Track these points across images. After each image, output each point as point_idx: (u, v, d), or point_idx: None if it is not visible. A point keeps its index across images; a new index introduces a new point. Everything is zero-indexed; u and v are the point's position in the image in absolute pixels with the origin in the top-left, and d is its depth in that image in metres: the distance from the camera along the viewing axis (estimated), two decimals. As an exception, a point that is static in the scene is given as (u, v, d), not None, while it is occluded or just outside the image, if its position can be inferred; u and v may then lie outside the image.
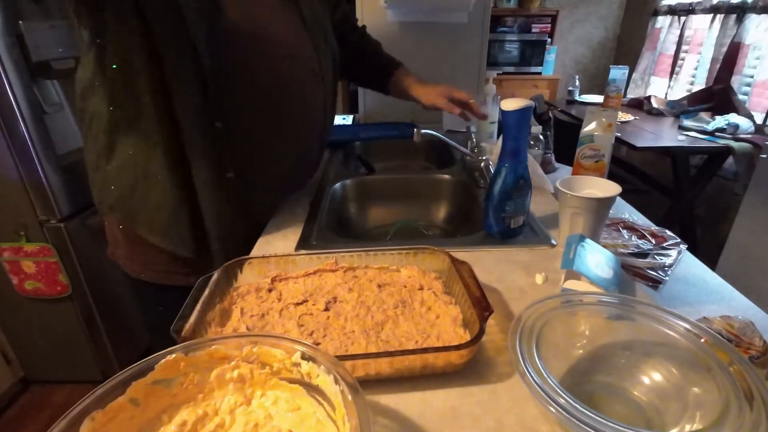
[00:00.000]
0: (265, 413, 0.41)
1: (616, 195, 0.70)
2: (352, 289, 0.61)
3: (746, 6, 2.39)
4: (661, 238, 0.97)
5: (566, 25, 3.57)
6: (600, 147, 0.95)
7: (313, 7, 0.88)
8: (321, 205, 0.95)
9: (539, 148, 1.21)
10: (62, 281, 1.55)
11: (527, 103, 0.70)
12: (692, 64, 2.84)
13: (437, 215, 1.13)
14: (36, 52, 1.36)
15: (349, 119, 1.70)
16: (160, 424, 0.39)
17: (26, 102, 1.36)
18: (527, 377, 0.39)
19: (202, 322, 0.51)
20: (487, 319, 0.49)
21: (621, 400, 0.46)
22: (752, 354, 0.62)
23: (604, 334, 0.50)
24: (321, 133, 0.96)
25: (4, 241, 1.51)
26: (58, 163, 1.46)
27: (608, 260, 0.62)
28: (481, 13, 1.56)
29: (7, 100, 1.32)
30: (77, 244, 1.54)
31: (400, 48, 1.61)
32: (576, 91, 2.97)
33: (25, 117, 1.36)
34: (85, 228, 1.56)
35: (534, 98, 1.00)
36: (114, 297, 1.69)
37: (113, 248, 0.87)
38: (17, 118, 1.35)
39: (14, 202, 1.46)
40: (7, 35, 1.31)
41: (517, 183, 0.75)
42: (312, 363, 0.40)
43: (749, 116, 2.18)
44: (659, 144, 2.06)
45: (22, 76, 1.35)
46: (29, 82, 1.37)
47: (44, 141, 1.42)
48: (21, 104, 1.35)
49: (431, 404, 0.47)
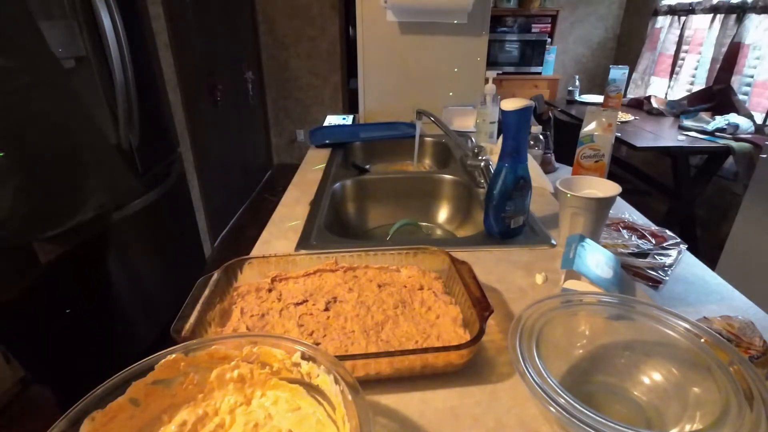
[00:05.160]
0: (265, 413, 0.41)
1: (616, 195, 0.70)
2: (352, 289, 0.61)
3: (746, 6, 2.39)
4: (661, 238, 0.97)
5: (566, 25, 3.57)
6: (600, 147, 0.95)
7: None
8: (321, 205, 0.95)
9: (539, 148, 1.21)
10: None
11: (527, 103, 0.70)
12: (692, 64, 2.84)
13: (437, 215, 1.13)
14: (36, 52, 1.36)
15: (349, 119, 1.70)
16: (160, 424, 0.39)
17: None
18: (527, 377, 0.39)
19: (202, 322, 0.51)
20: (487, 319, 0.49)
21: (621, 400, 0.46)
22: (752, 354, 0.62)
23: (604, 334, 0.50)
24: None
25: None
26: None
27: (608, 260, 0.62)
28: (481, 13, 1.57)
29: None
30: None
31: (400, 48, 1.62)
32: (576, 91, 2.97)
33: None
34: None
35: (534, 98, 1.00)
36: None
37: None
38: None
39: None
40: (7, 35, 1.31)
41: (517, 183, 0.75)
42: (312, 363, 0.40)
43: (749, 116, 2.18)
44: (659, 144, 2.06)
45: (22, 76, 1.35)
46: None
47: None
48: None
49: (431, 404, 0.47)
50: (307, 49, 3.54)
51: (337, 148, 1.36)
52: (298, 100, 3.74)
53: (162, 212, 1.78)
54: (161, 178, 1.75)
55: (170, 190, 1.80)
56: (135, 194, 1.49)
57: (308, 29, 3.47)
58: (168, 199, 1.79)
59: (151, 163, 1.66)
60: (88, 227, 1.00)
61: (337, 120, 1.70)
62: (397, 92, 1.68)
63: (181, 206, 2.08)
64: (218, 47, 2.73)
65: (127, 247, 1.58)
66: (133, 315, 1.65)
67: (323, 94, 3.72)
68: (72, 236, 0.98)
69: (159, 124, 1.84)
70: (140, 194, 1.54)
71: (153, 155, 1.69)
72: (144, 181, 1.60)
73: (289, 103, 3.76)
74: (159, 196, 1.69)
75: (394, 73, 1.65)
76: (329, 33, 3.49)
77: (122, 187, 1.08)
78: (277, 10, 3.41)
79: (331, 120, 1.70)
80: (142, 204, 1.58)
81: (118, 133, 1.45)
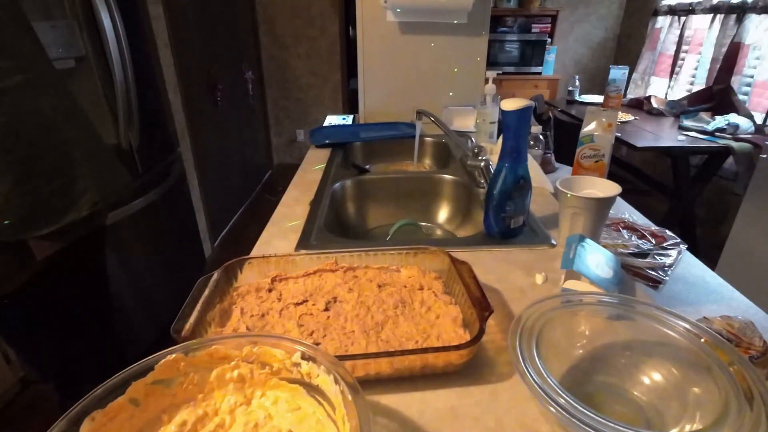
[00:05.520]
0: (265, 413, 0.41)
1: (616, 195, 0.70)
2: (352, 289, 0.61)
3: (746, 6, 2.39)
4: (661, 238, 0.97)
5: (566, 25, 3.57)
6: (600, 147, 0.95)
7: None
8: (321, 205, 0.95)
9: (539, 148, 1.21)
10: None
11: (527, 103, 0.70)
12: (692, 64, 2.84)
13: (437, 215, 1.13)
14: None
15: (349, 119, 1.70)
16: (160, 424, 0.39)
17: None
18: (527, 377, 0.39)
19: (202, 322, 0.51)
20: (487, 319, 0.49)
21: (621, 400, 0.46)
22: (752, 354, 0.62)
23: (604, 334, 0.50)
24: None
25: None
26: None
27: (608, 260, 0.62)
28: (481, 13, 1.56)
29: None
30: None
31: (400, 48, 1.62)
32: (576, 91, 2.97)
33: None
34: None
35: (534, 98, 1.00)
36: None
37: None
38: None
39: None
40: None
41: (517, 183, 0.75)
42: (312, 363, 0.40)
43: (749, 116, 2.18)
44: (659, 144, 2.06)
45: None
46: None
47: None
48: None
49: (431, 404, 0.47)
50: (307, 49, 3.54)
51: (337, 148, 1.36)
52: (298, 100, 3.75)
53: (162, 212, 1.78)
54: (161, 178, 1.75)
55: (170, 190, 1.80)
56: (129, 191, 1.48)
57: (308, 29, 3.48)
58: (168, 199, 1.79)
59: (151, 163, 1.66)
60: (82, 225, 1.00)
61: (337, 120, 1.70)
62: (397, 92, 1.68)
63: (181, 206, 2.08)
64: (218, 47, 2.73)
65: (127, 247, 1.58)
66: (133, 315, 1.65)
67: (323, 94, 3.72)
68: (66, 235, 0.98)
69: (159, 124, 1.84)
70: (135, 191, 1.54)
71: (153, 155, 1.69)
72: (144, 181, 1.60)
73: (289, 103, 3.76)
74: (159, 196, 1.69)
75: (394, 73, 1.65)
76: (329, 33, 3.49)
77: (115, 184, 1.08)
78: (277, 10, 3.41)
79: (331, 120, 1.70)
80: (142, 204, 1.58)
81: (118, 133, 1.45)
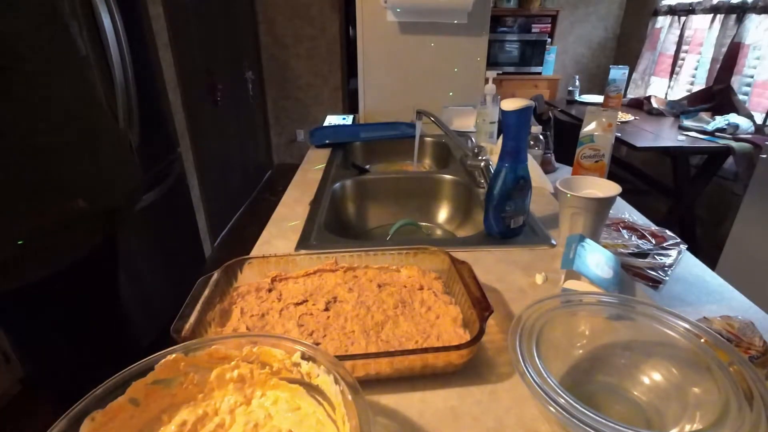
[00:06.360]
0: (265, 413, 0.41)
1: (616, 195, 0.70)
2: (352, 289, 0.61)
3: (746, 6, 2.39)
4: (661, 238, 0.97)
5: (566, 25, 3.57)
6: (600, 147, 0.95)
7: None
8: (321, 205, 0.95)
9: (539, 148, 1.21)
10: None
11: (527, 103, 0.70)
12: (692, 64, 2.84)
13: (437, 215, 1.13)
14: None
15: (349, 119, 1.70)
16: (160, 424, 0.39)
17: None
18: (527, 377, 0.39)
19: (202, 322, 0.51)
20: (487, 319, 0.49)
21: (621, 400, 0.46)
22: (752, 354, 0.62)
23: (604, 334, 0.50)
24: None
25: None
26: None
27: (608, 260, 0.62)
28: (481, 13, 1.56)
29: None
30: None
31: (400, 48, 1.62)
32: (576, 91, 2.97)
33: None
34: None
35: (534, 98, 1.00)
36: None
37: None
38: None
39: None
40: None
41: (517, 183, 0.75)
42: (312, 363, 0.40)
43: (749, 116, 2.18)
44: (659, 144, 2.06)
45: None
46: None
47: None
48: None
49: (431, 404, 0.47)
50: (307, 49, 3.54)
51: (337, 148, 1.36)
52: (298, 100, 3.75)
53: (162, 212, 1.78)
54: (161, 178, 1.75)
55: (170, 190, 1.80)
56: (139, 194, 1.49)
57: (308, 29, 3.48)
58: (168, 199, 1.79)
59: (151, 163, 1.66)
60: (98, 224, 1.01)
61: (337, 120, 1.70)
62: (397, 92, 1.68)
63: (181, 206, 2.08)
64: (218, 47, 2.73)
65: (127, 247, 1.58)
66: (133, 315, 1.65)
67: (323, 94, 3.72)
68: (86, 233, 0.98)
69: (159, 124, 1.84)
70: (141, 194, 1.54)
71: (153, 155, 1.69)
72: (144, 181, 1.60)
73: (289, 103, 3.76)
74: (159, 196, 1.69)
75: (394, 73, 1.65)
76: (329, 33, 3.49)
77: (131, 185, 1.09)
78: (277, 10, 3.41)
79: (331, 120, 1.70)
80: (142, 204, 1.58)
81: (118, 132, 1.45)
